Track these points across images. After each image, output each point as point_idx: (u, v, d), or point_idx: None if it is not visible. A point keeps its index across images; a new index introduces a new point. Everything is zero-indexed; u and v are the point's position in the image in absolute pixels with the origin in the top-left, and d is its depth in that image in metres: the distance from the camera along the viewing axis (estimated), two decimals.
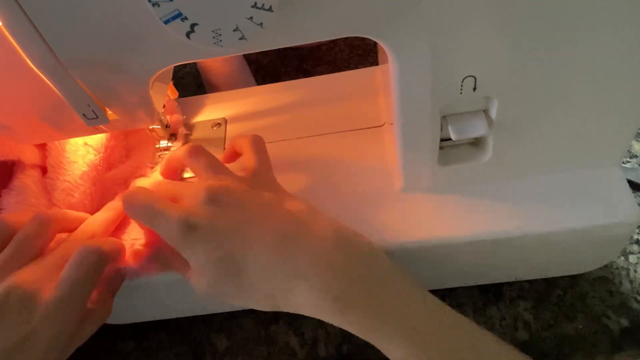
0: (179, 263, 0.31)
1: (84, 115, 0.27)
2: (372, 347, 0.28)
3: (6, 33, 0.23)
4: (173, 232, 0.28)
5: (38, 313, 0.27)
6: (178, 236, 0.28)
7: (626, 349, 0.36)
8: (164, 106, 0.39)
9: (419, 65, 0.26)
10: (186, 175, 0.38)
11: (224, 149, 0.40)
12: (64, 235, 0.33)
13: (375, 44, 0.27)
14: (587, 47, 0.25)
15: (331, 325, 0.28)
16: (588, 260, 0.37)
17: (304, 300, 0.28)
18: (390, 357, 0.27)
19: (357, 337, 0.37)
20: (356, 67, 0.47)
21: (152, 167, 0.38)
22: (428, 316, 0.28)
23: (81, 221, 0.33)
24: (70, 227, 0.33)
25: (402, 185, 0.34)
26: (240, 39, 0.22)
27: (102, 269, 0.30)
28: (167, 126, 0.39)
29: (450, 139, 0.30)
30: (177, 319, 0.42)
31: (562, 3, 0.23)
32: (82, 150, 0.36)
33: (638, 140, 0.45)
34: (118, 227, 0.35)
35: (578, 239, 0.33)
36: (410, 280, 0.29)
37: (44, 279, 0.29)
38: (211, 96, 0.45)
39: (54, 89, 0.26)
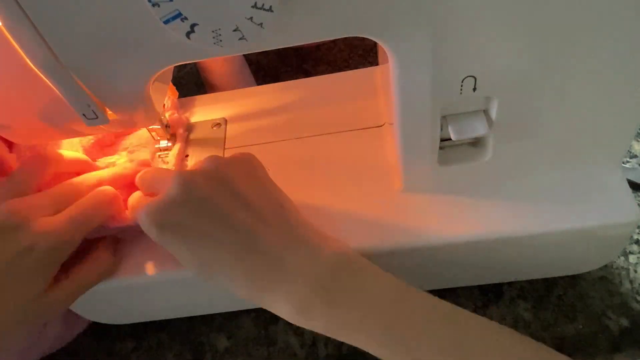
0: None
1: (84, 115, 0.27)
2: None
3: (6, 33, 0.23)
4: (152, 235, 0.29)
5: (34, 232, 0.28)
6: (149, 232, 0.29)
7: (626, 349, 0.36)
8: (164, 106, 0.39)
9: (419, 66, 0.26)
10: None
11: (224, 149, 0.40)
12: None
13: (375, 44, 0.27)
14: (587, 47, 0.25)
15: None
16: (588, 260, 0.37)
17: (276, 306, 0.28)
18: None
19: None
20: (356, 67, 0.47)
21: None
22: (397, 309, 0.27)
23: (79, 163, 0.34)
24: (67, 169, 0.34)
25: (402, 185, 0.34)
26: (240, 39, 0.22)
27: (107, 214, 0.32)
28: (167, 126, 0.39)
29: (450, 139, 0.30)
30: (177, 319, 0.42)
31: (562, 4, 0.23)
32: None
33: (638, 140, 0.46)
34: None
35: (578, 239, 0.33)
36: (379, 275, 0.29)
37: (40, 207, 0.30)
38: (211, 96, 0.45)
39: (54, 89, 0.26)
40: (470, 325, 0.27)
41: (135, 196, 0.33)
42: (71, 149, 0.36)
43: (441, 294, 0.29)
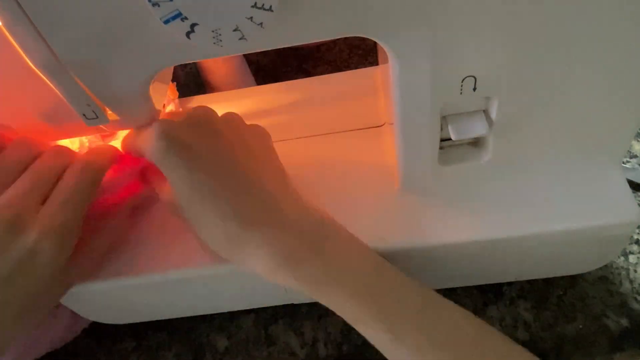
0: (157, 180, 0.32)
1: (84, 115, 0.27)
2: (372, 347, 0.28)
3: (6, 33, 0.23)
4: (154, 145, 0.28)
5: (30, 232, 0.27)
6: (159, 150, 0.28)
7: (626, 349, 0.36)
8: (163, 106, 0.39)
9: (419, 65, 0.26)
10: None
11: None
12: None
13: (375, 44, 0.27)
14: (587, 47, 0.25)
15: (331, 325, 0.28)
16: (588, 260, 0.37)
17: (255, 252, 0.28)
18: (343, 316, 0.28)
19: (357, 338, 0.37)
20: (356, 67, 0.47)
21: None
22: (380, 275, 0.29)
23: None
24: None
25: (402, 185, 0.34)
26: (240, 39, 0.22)
27: (98, 180, 0.31)
28: None
29: (450, 139, 0.30)
30: (177, 319, 0.42)
31: (562, 4, 0.23)
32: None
33: (638, 140, 0.46)
34: None
35: (578, 239, 0.33)
36: (362, 244, 0.30)
37: (27, 196, 0.28)
38: (211, 96, 0.45)
39: (54, 89, 0.26)
40: (440, 302, 0.28)
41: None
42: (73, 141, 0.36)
43: (441, 294, 0.29)
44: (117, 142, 0.38)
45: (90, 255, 0.32)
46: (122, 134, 0.39)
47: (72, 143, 0.36)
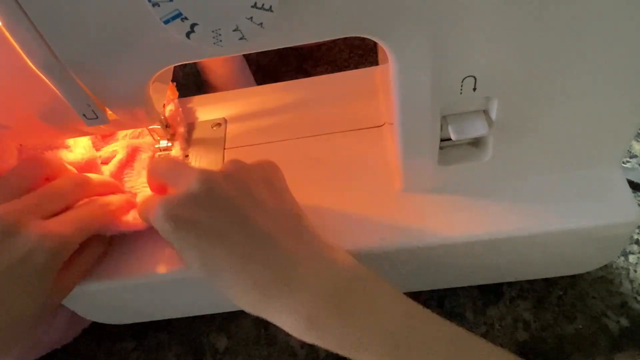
0: None
1: (84, 115, 0.27)
2: None
3: (6, 33, 0.23)
4: (160, 228, 0.28)
5: (30, 236, 0.28)
6: (165, 232, 0.28)
7: (626, 349, 0.36)
8: (164, 106, 0.39)
9: (419, 65, 0.26)
10: None
11: (224, 149, 0.40)
12: None
13: (375, 44, 0.27)
14: (587, 47, 0.25)
15: None
16: (588, 260, 0.37)
17: (281, 318, 0.27)
18: None
19: None
20: (356, 67, 0.47)
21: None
22: (409, 329, 0.27)
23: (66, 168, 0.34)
24: (60, 173, 0.33)
25: (402, 185, 0.34)
26: (240, 39, 0.22)
27: (107, 217, 0.32)
28: (167, 126, 0.39)
29: (450, 139, 0.30)
30: (177, 319, 0.42)
31: (563, 4, 0.23)
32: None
33: (638, 140, 0.46)
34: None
35: (578, 239, 0.33)
36: (389, 292, 0.28)
37: (30, 210, 0.29)
38: (211, 96, 0.45)
39: (54, 89, 0.26)
40: (474, 349, 0.27)
41: (146, 195, 0.33)
42: (78, 142, 0.37)
43: (441, 294, 0.29)
44: (116, 144, 0.38)
45: (80, 267, 0.32)
46: (121, 134, 0.40)
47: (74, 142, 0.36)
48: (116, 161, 0.37)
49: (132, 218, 0.34)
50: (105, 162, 0.38)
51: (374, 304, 0.27)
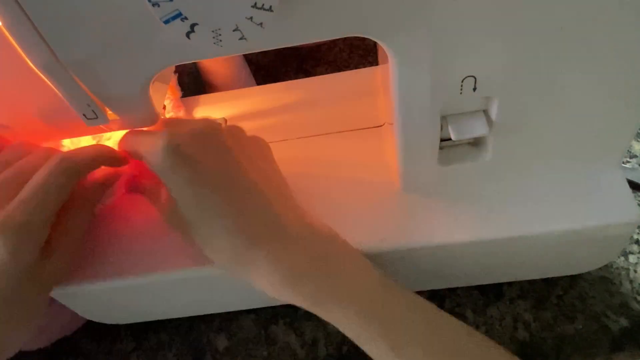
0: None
1: (84, 115, 0.27)
2: None
3: (6, 33, 0.23)
4: (160, 159, 0.27)
5: None
6: (165, 165, 0.27)
7: (626, 349, 0.36)
8: (164, 106, 0.39)
9: (419, 65, 0.26)
10: None
11: None
12: None
13: (375, 44, 0.27)
14: (587, 47, 0.25)
15: (331, 325, 0.28)
16: (588, 260, 0.37)
17: (260, 269, 0.28)
18: (345, 332, 0.28)
19: None
20: (356, 67, 0.47)
21: None
22: (385, 292, 0.28)
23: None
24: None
25: (402, 185, 0.34)
26: (240, 39, 0.22)
27: (72, 180, 0.29)
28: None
29: (450, 139, 0.30)
30: (177, 319, 0.42)
31: (562, 4, 0.23)
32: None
33: (638, 140, 0.45)
34: None
35: (578, 239, 0.33)
36: (368, 265, 0.30)
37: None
38: (211, 96, 0.45)
39: (54, 89, 0.26)
40: (448, 325, 0.28)
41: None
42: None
43: (441, 294, 0.29)
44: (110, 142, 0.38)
45: (63, 254, 0.30)
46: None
47: (72, 143, 0.36)
48: None
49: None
50: None
51: (353, 265, 0.29)
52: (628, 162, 0.44)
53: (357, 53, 0.59)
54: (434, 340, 0.27)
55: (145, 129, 0.31)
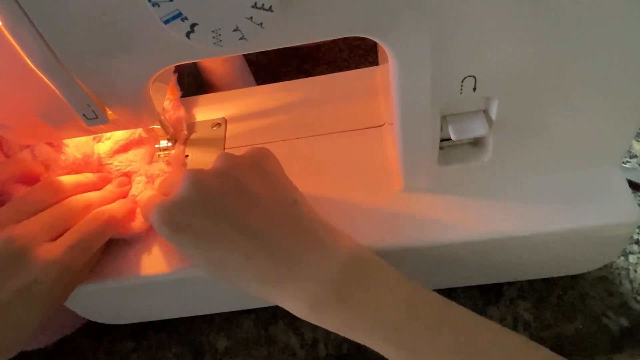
0: None
1: (84, 115, 0.27)
2: None
3: (6, 33, 0.23)
4: (158, 231, 0.29)
5: (36, 263, 0.28)
6: (164, 236, 0.29)
7: (626, 349, 0.36)
8: (163, 107, 0.39)
9: (419, 65, 0.26)
10: None
11: (224, 149, 0.40)
12: None
13: (375, 44, 0.27)
14: (587, 47, 0.25)
15: None
16: (588, 260, 0.37)
17: (286, 304, 0.28)
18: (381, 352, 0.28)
19: None
20: (356, 67, 0.47)
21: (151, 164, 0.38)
22: (412, 313, 0.27)
23: (82, 185, 0.34)
24: (72, 193, 0.34)
25: (402, 185, 0.34)
26: (240, 39, 0.22)
27: (110, 232, 0.33)
28: (167, 126, 0.39)
29: (450, 139, 0.30)
30: (177, 319, 0.42)
31: (563, 4, 0.23)
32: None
33: (638, 140, 0.45)
34: None
35: (578, 239, 0.33)
36: (392, 275, 0.29)
37: (39, 233, 0.30)
38: (211, 96, 0.45)
39: (54, 89, 0.26)
40: (477, 330, 0.27)
41: (146, 195, 0.34)
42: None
43: (441, 294, 0.29)
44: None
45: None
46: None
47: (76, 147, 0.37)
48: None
49: (138, 223, 0.34)
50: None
51: (375, 289, 0.28)
52: (628, 162, 0.44)
53: (357, 53, 0.59)
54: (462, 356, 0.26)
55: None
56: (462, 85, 0.27)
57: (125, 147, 0.38)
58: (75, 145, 0.36)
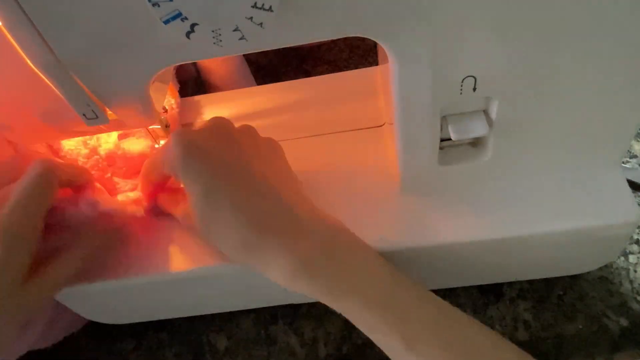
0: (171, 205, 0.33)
1: (84, 115, 0.27)
2: (372, 347, 0.28)
3: (6, 33, 0.23)
4: (172, 152, 0.28)
5: None
6: (177, 157, 0.28)
7: (626, 349, 0.36)
8: (163, 107, 0.39)
9: (419, 65, 0.26)
10: None
11: None
12: None
13: (375, 44, 0.27)
14: (587, 47, 0.25)
15: (331, 325, 0.28)
16: (588, 260, 0.37)
17: (273, 260, 0.28)
18: (359, 325, 0.28)
19: (357, 337, 0.37)
20: (356, 67, 0.47)
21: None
22: (396, 284, 0.28)
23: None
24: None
25: (402, 185, 0.34)
26: (240, 39, 0.22)
27: (53, 184, 0.29)
28: (167, 126, 0.39)
29: (450, 139, 0.30)
30: (177, 319, 0.42)
31: (563, 5, 0.23)
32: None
33: (638, 140, 0.45)
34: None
35: (578, 239, 0.33)
36: (378, 257, 0.30)
37: None
38: (211, 96, 0.45)
39: (54, 89, 0.26)
40: (459, 319, 0.28)
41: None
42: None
43: (441, 294, 0.29)
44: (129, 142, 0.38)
45: (41, 284, 0.30)
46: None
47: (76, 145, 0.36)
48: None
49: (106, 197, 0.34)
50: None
51: (364, 257, 0.29)
52: (628, 162, 0.44)
53: (357, 53, 0.59)
54: (447, 332, 0.27)
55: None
56: (462, 86, 0.27)
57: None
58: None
